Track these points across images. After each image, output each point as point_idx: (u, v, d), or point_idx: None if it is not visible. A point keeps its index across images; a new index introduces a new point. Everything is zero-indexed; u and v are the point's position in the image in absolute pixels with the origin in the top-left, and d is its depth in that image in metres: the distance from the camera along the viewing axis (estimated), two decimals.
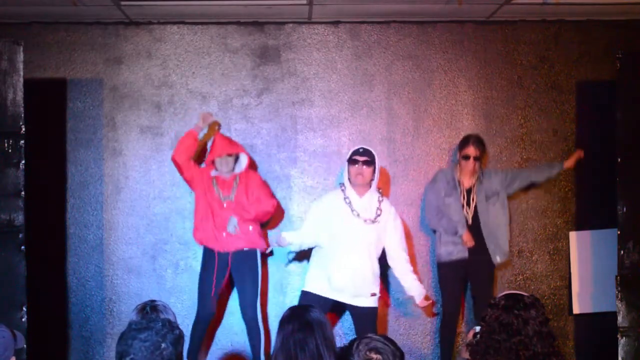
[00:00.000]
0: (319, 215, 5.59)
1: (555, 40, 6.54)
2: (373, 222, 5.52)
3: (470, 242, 5.91)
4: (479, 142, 6.07)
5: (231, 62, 6.45)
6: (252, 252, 5.83)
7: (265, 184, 6.10)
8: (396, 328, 6.37)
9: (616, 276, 5.50)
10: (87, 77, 6.39)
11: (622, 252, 5.50)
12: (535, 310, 3.10)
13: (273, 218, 6.18)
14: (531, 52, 6.53)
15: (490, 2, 6.01)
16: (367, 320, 5.59)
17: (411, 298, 5.79)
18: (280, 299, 6.35)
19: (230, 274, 5.84)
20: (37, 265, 5.64)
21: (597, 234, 6.35)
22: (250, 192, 5.87)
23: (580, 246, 6.41)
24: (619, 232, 5.51)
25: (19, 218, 5.20)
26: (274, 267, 6.38)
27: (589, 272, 6.37)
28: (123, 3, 5.86)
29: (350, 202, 5.54)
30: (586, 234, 6.42)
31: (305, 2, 5.91)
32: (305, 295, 5.59)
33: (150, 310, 3.68)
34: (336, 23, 6.49)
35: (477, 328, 3.27)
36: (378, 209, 5.56)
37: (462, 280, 6.08)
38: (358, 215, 5.52)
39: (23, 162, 5.22)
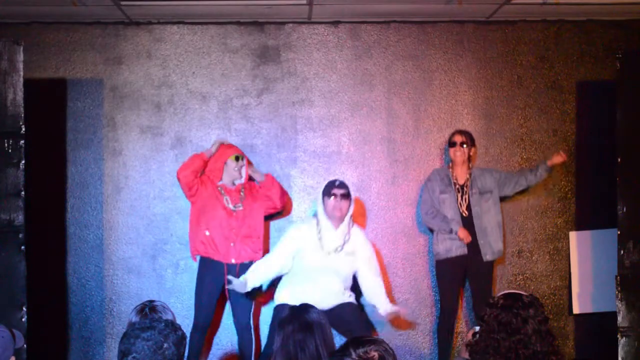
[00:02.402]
0: (291, 248, 5.55)
1: (555, 40, 6.54)
2: (339, 251, 5.52)
3: (467, 238, 5.92)
4: (463, 132, 6.16)
5: (231, 62, 6.45)
6: (250, 264, 5.82)
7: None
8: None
9: (616, 276, 5.50)
10: (87, 77, 6.40)
11: (622, 252, 5.49)
12: (534, 309, 3.10)
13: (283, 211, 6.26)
14: (531, 52, 6.53)
15: (490, 2, 6.01)
16: (349, 316, 5.50)
17: (377, 311, 5.73)
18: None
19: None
20: (37, 265, 5.65)
21: (597, 234, 6.35)
22: (258, 193, 5.94)
23: (580, 246, 6.41)
24: (619, 232, 5.50)
25: (19, 218, 5.19)
26: None
27: (589, 272, 6.37)
28: (123, 3, 5.86)
29: (321, 237, 5.51)
30: (586, 234, 6.42)
31: (305, 2, 5.92)
32: (280, 307, 5.44)
33: (149, 311, 3.68)
34: (336, 23, 6.49)
35: (477, 328, 3.27)
36: (346, 236, 5.54)
37: (460, 278, 6.09)
38: (327, 250, 5.50)
39: (23, 162, 5.22)
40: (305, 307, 3.48)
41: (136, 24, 6.42)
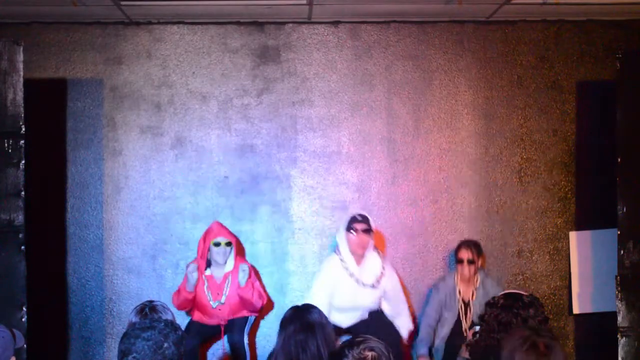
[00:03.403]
0: (327, 291, 5.51)
1: (555, 40, 6.54)
2: (374, 287, 5.57)
3: None
4: (470, 244, 6.00)
5: (231, 62, 6.45)
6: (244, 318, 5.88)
7: (257, 275, 6.14)
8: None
9: (616, 276, 5.49)
10: (87, 77, 6.39)
11: (622, 252, 5.48)
12: (534, 309, 3.11)
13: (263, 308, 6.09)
14: (531, 52, 6.53)
15: (490, 2, 6.01)
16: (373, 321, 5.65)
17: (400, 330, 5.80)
18: (280, 299, 6.35)
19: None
20: (37, 265, 5.65)
21: (597, 234, 6.35)
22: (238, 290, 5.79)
23: (580, 246, 6.41)
24: (619, 232, 5.50)
25: (19, 218, 5.19)
26: (274, 267, 6.38)
27: (589, 272, 6.37)
28: (123, 3, 5.86)
29: (352, 273, 5.54)
30: (586, 234, 6.42)
31: (305, 2, 5.91)
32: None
33: (149, 311, 3.68)
34: (336, 23, 6.49)
35: (477, 327, 3.27)
36: (381, 272, 5.59)
37: None
38: (363, 284, 5.56)
39: (23, 162, 5.21)
40: (307, 307, 3.49)
41: (136, 24, 6.42)
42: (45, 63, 6.36)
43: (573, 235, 6.45)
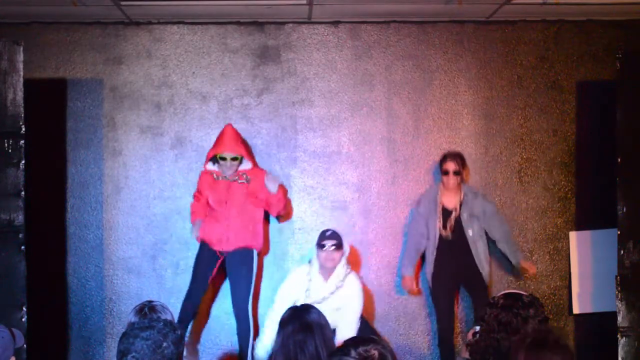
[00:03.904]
0: (290, 298, 5.45)
1: (555, 40, 6.54)
2: (324, 300, 5.36)
3: (412, 291, 6.11)
4: (455, 155, 6.08)
5: (231, 62, 6.46)
6: (249, 252, 5.86)
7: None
8: (396, 328, 6.37)
9: (616, 276, 5.49)
10: (87, 77, 6.40)
11: (622, 252, 5.49)
12: (534, 309, 3.11)
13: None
14: (531, 52, 6.53)
15: (490, 2, 6.01)
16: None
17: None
18: None
19: (225, 269, 5.93)
20: (37, 265, 5.65)
21: (597, 234, 6.35)
22: (260, 193, 5.89)
23: (580, 246, 6.41)
24: (619, 232, 5.50)
25: (19, 218, 5.20)
26: (274, 267, 6.38)
27: (589, 272, 6.37)
28: (123, 3, 5.86)
29: (309, 288, 5.45)
30: (586, 234, 6.42)
31: (305, 2, 5.91)
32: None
33: (148, 311, 3.69)
34: (336, 23, 6.49)
35: (477, 327, 3.27)
36: (336, 288, 5.43)
37: (454, 292, 6.15)
38: (313, 300, 5.30)
39: (23, 162, 5.22)
40: (306, 308, 3.49)
41: (136, 24, 6.42)
42: (45, 63, 6.36)
43: (573, 235, 6.45)
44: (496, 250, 6.17)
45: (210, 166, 5.98)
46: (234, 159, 5.88)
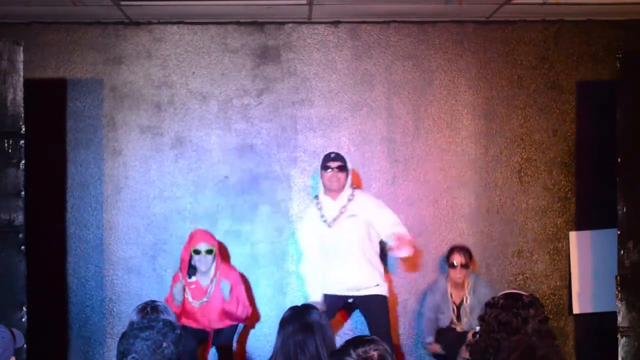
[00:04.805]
0: (309, 242, 5.65)
1: (555, 40, 6.54)
2: (339, 218, 5.56)
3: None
4: (462, 249, 6.00)
5: (231, 62, 6.46)
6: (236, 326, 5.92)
7: (245, 282, 6.07)
8: (396, 328, 6.37)
9: (616, 276, 5.49)
10: (87, 77, 6.40)
11: (622, 252, 5.49)
12: (535, 309, 3.11)
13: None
14: (531, 52, 6.53)
15: (490, 2, 6.01)
16: (377, 310, 5.62)
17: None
18: (280, 299, 6.35)
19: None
20: (37, 265, 5.65)
21: (597, 234, 6.35)
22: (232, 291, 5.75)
23: (580, 246, 6.41)
24: (619, 232, 5.50)
25: (19, 218, 5.19)
26: (274, 267, 6.38)
27: (589, 272, 6.37)
28: (123, 3, 5.86)
29: (322, 210, 5.61)
30: (586, 234, 6.42)
31: (305, 2, 5.92)
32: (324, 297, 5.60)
33: (150, 310, 3.68)
34: (336, 23, 6.49)
35: (477, 328, 3.27)
36: (349, 201, 5.59)
37: None
38: (329, 220, 5.58)
39: (23, 162, 5.21)
40: (307, 308, 3.48)
41: (136, 24, 6.42)
42: (45, 63, 6.36)
43: (573, 235, 6.45)
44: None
45: (194, 279, 5.73)
46: (208, 251, 5.69)
